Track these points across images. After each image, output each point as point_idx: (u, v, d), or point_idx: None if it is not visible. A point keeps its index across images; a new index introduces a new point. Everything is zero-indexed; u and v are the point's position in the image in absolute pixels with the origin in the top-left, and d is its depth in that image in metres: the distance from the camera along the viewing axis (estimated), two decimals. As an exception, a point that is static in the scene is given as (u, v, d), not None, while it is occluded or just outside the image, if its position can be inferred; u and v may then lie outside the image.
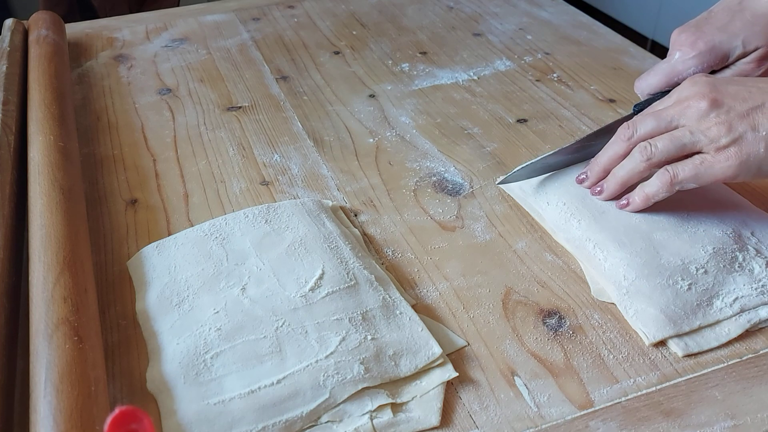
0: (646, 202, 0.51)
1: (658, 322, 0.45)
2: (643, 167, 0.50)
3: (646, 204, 0.51)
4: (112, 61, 0.84)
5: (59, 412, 0.35)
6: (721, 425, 0.40)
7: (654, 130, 0.50)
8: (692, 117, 0.48)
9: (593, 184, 0.54)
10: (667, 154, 0.49)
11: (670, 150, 0.49)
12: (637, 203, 0.51)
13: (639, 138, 0.51)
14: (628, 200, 0.52)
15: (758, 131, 0.46)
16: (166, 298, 0.47)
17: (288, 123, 0.70)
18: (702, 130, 0.47)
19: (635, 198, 0.51)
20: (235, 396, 0.40)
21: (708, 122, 0.47)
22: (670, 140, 0.49)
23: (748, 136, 0.46)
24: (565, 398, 0.42)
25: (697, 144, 0.48)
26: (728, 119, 0.47)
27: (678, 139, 0.48)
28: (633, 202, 0.51)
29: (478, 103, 0.73)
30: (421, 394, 0.41)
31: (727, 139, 0.46)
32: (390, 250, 0.53)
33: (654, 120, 0.51)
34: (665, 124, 0.50)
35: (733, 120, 0.46)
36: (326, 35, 0.90)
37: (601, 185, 0.53)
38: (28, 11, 0.91)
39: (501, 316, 0.47)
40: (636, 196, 0.51)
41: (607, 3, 2.53)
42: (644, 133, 0.51)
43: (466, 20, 0.93)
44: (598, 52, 0.83)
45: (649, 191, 0.50)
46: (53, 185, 0.52)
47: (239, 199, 0.59)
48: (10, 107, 0.64)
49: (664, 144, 0.49)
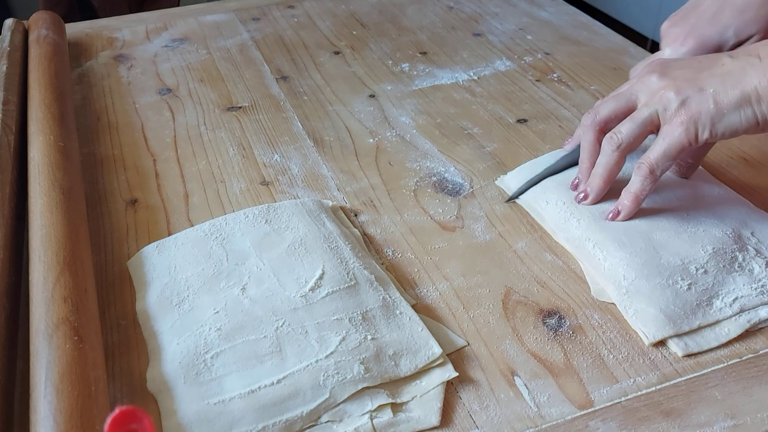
0: (636, 201, 0.50)
1: (658, 321, 0.45)
2: (616, 157, 0.51)
3: (637, 204, 0.51)
4: (112, 61, 0.84)
5: (59, 412, 0.35)
6: (721, 425, 0.40)
7: (614, 110, 0.52)
8: (646, 91, 0.50)
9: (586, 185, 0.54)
10: (633, 135, 0.50)
11: (635, 131, 0.49)
12: (628, 206, 0.51)
13: (601, 119, 0.52)
14: (617, 209, 0.51)
15: (705, 90, 0.47)
16: (166, 298, 0.47)
17: (288, 123, 0.70)
18: (655, 100, 0.48)
19: (624, 202, 0.51)
20: (235, 396, 0.40)
21: (659, 92, 0.48)
22: (632, 121, 0.50)
23: (696, 96, 0.47)
24: (565, 398, 0.42)
25: (654, 116, 0.49)
26: (675, 84, 0.48)
27: (638, 118, 0.49)
28: (624, 206, 0.51)
29: (478, 103, 0.73)
30: (421, 394, 0.41)
31: (677, 102, 0.47)
32: (390, 250, 0.53)
33: (613, 101, 0.52)
34: (624, 102, 0.51)
35: (680, 84, 0.48)
36: (326, 35, 0.90)
37: (584, 189, 0.53)
38: (28, 11, 0.91)
39: (501, 316, 0.47)
40: (625, 200, 0.51)
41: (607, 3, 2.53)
42: (605, 115, 0.52)
43: (466, 20, 0.93)
44: (598, 52, 0.83)
45: (634, 189, 0.50)
46: (53, 185, 0.52)
47: (239, 199, 0.59)
48: (10, 107, 0.64)
49: (627, 127, 0.50)
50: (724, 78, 0.46)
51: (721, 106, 0.46)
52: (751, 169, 0.61)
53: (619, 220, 0.51)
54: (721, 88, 0.46)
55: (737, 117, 0.46)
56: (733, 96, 0.46)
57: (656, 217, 0.51)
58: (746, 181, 0.59)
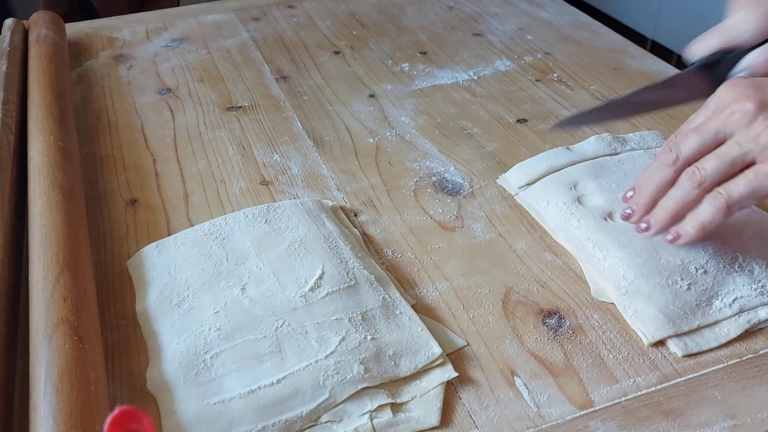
0: (702, 231, 0.45)
1: (657, 321, 0.45)
2: (694, 195, 0.45)
3: (702, 234, 0.45)
4: (112, 60, 0.84)
5: (59, 411, 0.35)
6: (721, 425, 0.40)
7: (699, 148, 0.45)
8: (739, 124, 0.43)
9: (641, 219, 0.48)
10: (718, 175, 0.44)
11: (720, 170, 0.43)
12: (691, 234, 0.45)
13: (684, 160, 0.45)
14: (678, 233, 0.46)
15: None
16: (166, 298, 0.47)
17: (288, 123, 0.70)
18: (751, 137, 0.42)
19: (688, 229, 0.45)
20: (235, 396, 0.40)
21: (757, 127, 0.42)
22: (718, 159, 0.43)
23: None
24: (565, 398, 0.42)
25: (749, 155, 0.43)
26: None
27: (727, 155, 0.43)
28: (686, 233, 0.46)
29: (478, 103, 0.73)
30: (421, 394, 0.41)
31: None
32: (390, 250, 0.53)
33: (698, 137, 0.45)
34: (711, 138, 0.44)
35: None
36: (326, 35, 0.90)
37: (647, 220, 0.47)
38: (28, 11, 0.91)
39: (501, 316, 0.47)
40: (689, 227, 0.45)
41: (607, 3, 2.53)
42: (689, 154, 0.45)
43: (466, 20, 0.93)
44: (598, 52, 0.83)
45: (704, 219, 0.44)
46: (53, 185, 0.52)
47: (239, 199, 0.59)
48: (10, 107, 0.64)
49: (713, 165, 0.44)
50: None
51: None
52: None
53: (678, 243, 0.46)
54: None
55: None
56: None
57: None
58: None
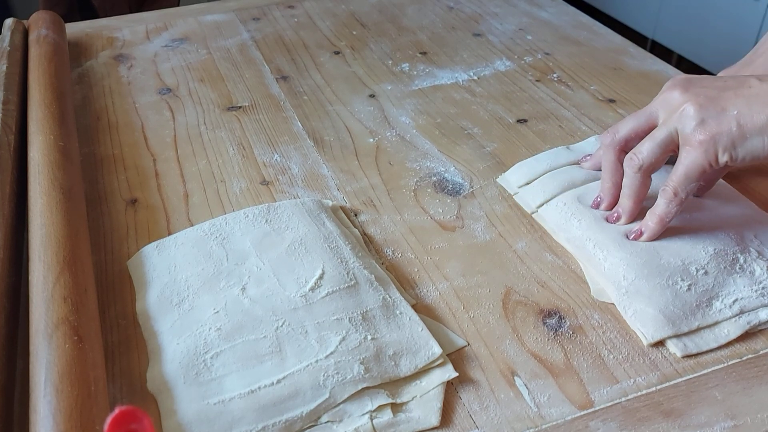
0: (661, 223, 0.49)
1: (657, 322, 0.45)
2: (639, 178, 0.49)
3: (662, 226, 0.49)
4: (112, 60, 0.84)
5: (59, 411, 0.35)
6: (721, 425, 0.40)
7: (634, 128, 0.50)
8: (666, 107, 0.48)
9: (610, 206, 0.52)
10: (653, 155, 0.48)
11: (654, 150, 0.48)
12: (652, 228, 0.49)
13: (620, 139, 0.51)
14: (642, 229, 0.50)
15: (728, 111, 0.45)
16: (166, 298, 0.47)
17: (288, 123, 0.70)
18: (674, 118, 0.47)
19: (648, 223, 0.49)
20: (235, 396, 0.40)
21: (679, 109, 0.47)
22: (651, 140, 0.48)
23: (718, 116, 0.45)
24: (565, 398, 0.42)
25: (673, 134, 0.47)
26: (697, 101, 0.46)
27: (657, 137, 0.48)
28: (648, 228, 0.49)
29: (478, 103, 0.73)
30: (421, 394, 0.41)
31: (696, 121, 0.45)
32: (390, 250, 0.53)
33: (633, 118, 0.51)
34: (645, 118, 0.50)
35: (702, 102, 0.46)
36: (326, 35, 0.90)
37: (617, 210, 0.51)
38: (28, 11, 0.91)
39: (501, 316, 0.47)
40: (649, 222, 0.49)
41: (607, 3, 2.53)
42: (625, 133, 0.51)
43: (466, 20, 0.93)
44: (598, 52, 0.83)
45: (659, 212, 0.49)
46: (53, 185, 0.52)
47: (239, 199, 0.59)
48: (10, 107, 0.64)
49: (647, 147, 0.48)
50: (749, 100, 0.45)
51: (744, 130, 0.44)
52: (754, 171, 0.61)
53: (642, 240, 0.49)
54: (746, 110, 0.44)
55: (760, 142, 0.44)
56: (759, 120, 0.44)
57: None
58: (749, 183, 0.59)
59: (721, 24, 2.03)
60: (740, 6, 1.95)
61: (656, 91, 0.74)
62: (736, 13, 1.97)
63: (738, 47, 1.99)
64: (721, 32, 2.04)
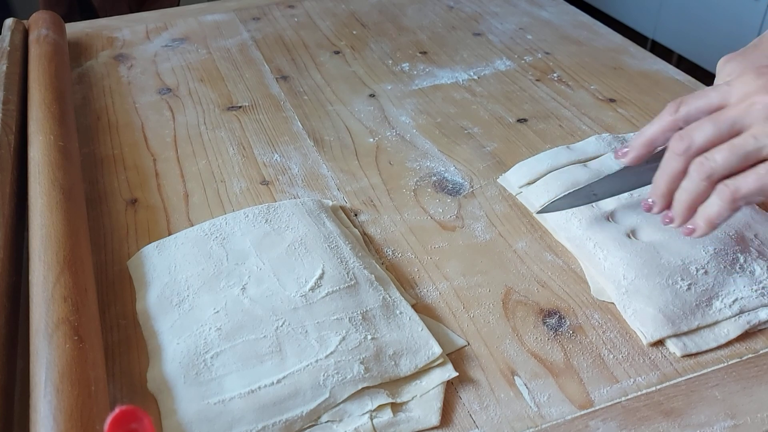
0: (711, 225, 0.43)
1: (657, 321, 0.45)
2: (703, 186, 0.43)
3: (713, 227, 0.44)
4: (112, 60, 0.84)
5: (59, 411, 0.35)
6: (721, 425, 0.40)
7: (713, 138, 0.43)
8: (759, 117, 0.41)
9: (662, 210, 0.46)
10: (728, 167, 0.42)
11: (732, 162, 0.41)
12: (702, 228, 0.44)
13: (696, 149, 0.43)
14: (694, 226, 0.44)
15: None
16: (166, 298, 0.47)
17: (288, 123, 0.70)
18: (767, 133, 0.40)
19: (699, 222, 0.44)
20: (236, 395, 0.40)
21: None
22: (730, 151, 0.41)
23: None
24: (565, 398, 0.42)
25: (764, 150, 0.41)
26: None
27: (740, 148, 0.41)
28: (698, 227, 0.44)
29: (478, 103, 0.73)
30: (421, 394, 0.41)
31: None
32: (390, 250, 0.53)
33: (712, 125, 0.43)
34: (726, 128, 0.42)
35: None
36: (326, 35, 0.90)
37: (669, 216, 0.46)
38: (29, 11, 0.91)
39: (501, 316, 0.47)
40: (699, 220, 0.44)
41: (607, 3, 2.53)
42: (702, 143, 0.43)
43: (466, 20, 0.93)
44: (599, 52, 0.83)
45: (710, 212, 0.43)
46: (53, 185, 0.52)
47: (239, 199, 0.59)
48: (10, 107, 0.64)
49: (724, 156, 0.42)
50: None
51: None
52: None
53: (694, 236, 0.45)
54: None
55: None
56: None
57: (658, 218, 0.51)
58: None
59: (721, 24, 2.03)
60: (740, 6, 1.95)
61: (656, 90, 0.74)
62: (736, 13, 1.97)
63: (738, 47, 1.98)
64: (721, 32, 2.04)
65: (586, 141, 0.62)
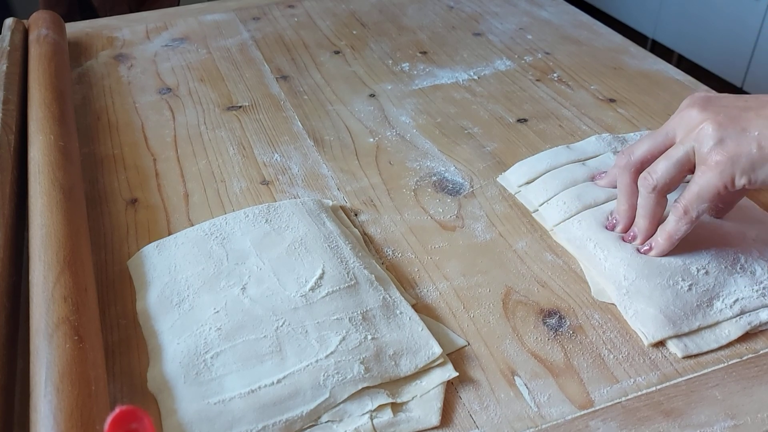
0: (669, 241, 0.47)
1: (658, 322, 0.45)
2: (653, 199, 0.47)
3: (672, 243, 0.47)
4: (112, 60, 0.84)
5: (59, 411, 0.35)
6: (721, 425, 0.40)
7: (650, 149, 0.48)
8: (683, 126, 0.46)
9: (625, 229, 0.50)
10: (668, 175, 0.46)
11: (669, 170, 0.46)
12: (662, 245, 0.48)
13: (636, 161, 0.49)
14: (652, 244, 0.48)
15: (749, 131, 0.43)
16: (167, 298, 0.47)
17: (288, 122, 0.70)
18: (692, 136, 0.45)
19: (658, 239, 0.48)
20: (236, 395, 0.40)
21: (697, 127, 0.45)
22: (666, 159, 0.46)
23: (737, 136, 0.43)
24: (565, 398, 0.42)
25: (690, 153, 0.45)
26: (716, 120, 0.44)
27: (672, 156, 0.46)
28: (657, 244, 0.48)
29: (479, 103, 0.73)
30: (421, 394, 0.41)
31: (714, 140, 0.44)
32: (390, 250, 0.53)
33: (649, 138, 0.48)
34: (661, 138, 0.48)
35: (722, 120, 0.44)
36: (326, 35, 0.90)
37: (633, 231, 0.50)
38: (28, 10, 0.91)
39: (501, 316, 0.47)
40: (659, 238, 0.48)
41: (607, 3, 2.53)
42: (641, 155, 0.49)
43: (466, 20, 0.93)
44: (599, 52, 0.83)
45: (668, 228, 0.47)
46: (53, 185, 0.52)
47: (239, 199, 0.59)
48: (10, 106, 0.64)
49: (661, 166, 0.46)
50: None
51: (765, 152, 0.42)
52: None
53: (652, 255, 0.48)
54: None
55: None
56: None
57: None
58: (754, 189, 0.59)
59: (721, 24, 2.03)
60: (740, 6, 1.95)
61: (656, 90, 0.74)
62: (736, 13, 1.97)
63: (738, 47, 1.99)
64: (721, 32, 2.04)
65: (586, 141, 0.62)
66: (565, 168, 0.58)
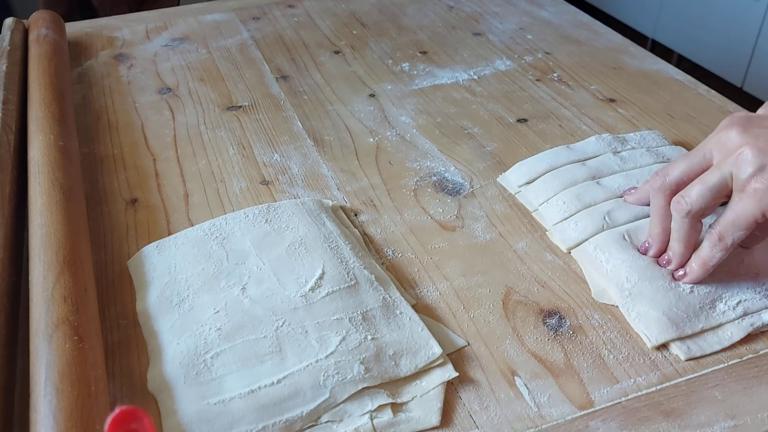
0: (704, 267, 0.46)
1: (661, 324, 0.45)
2: (687, 224, 0.46)
3: (706, 271, 0.46)
4: (112, 60, 0.84)
5: (59, 411, 0.35)
6: (721, 425, 0.40)
7: (686, 170, 0.46)
8: (721, 148, 0.44)
9: (659, 253, 0.48)
10: (703, 201, 0.44)
11: (705, 195, 0.44)
12: (696, 272, 0.46)
13: (671, 183, 0.47)
14: (686, 270, 0.47)
15: None
16: (166, 298, 0.47)
17: (288, 122, 0.70)
18: (730, 161, 0.43)
19: (693, 266, 0.46)
20: (236, 396, 0.40)
21: (736, 151, 0.43)
22: (701, 184, 0.44)
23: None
24: (565, 398, 0.42)
25: (727, 179, 0.43)
26: (757, 145, 0.42)
27: (708, 181, 0.44)
28: (691, 271, 0.46)
29: (479, 103, 0.73)
30: (421, 394, 0.41)
31: (754, 167, 0.42)
32: (390, 250, 0.53)
33: (685, 160, 0.46)
34: (698, 160, 0.46)
35: (763, 146, 0.42)
36: (326, 35, 0.90)
37: (667, 255, 0.48)
38: (28, 10, 0.91)
39: (501, 316, 0.47)
40: (693, 264, 0.46)
41: (607, 2, 2.53)
42: (676, 177, 0.47)
43: (466, 20, 0.93)
44: (599, 52, 0.83)
45: (704, 255, 0.45)
46: (53, 184, 0.52)
47: (239, 199, 0.59)
48: (10, 106, 0.64)
49: (697, 191, 0.44)
50: None
51: None
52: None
53: (685, 282, 0.46)
54: None
55: None
56: None
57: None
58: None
59: (721, 24, 2.03)
60: (740, 6, 1.95)
61: (656, 90, 0.74)
62: (736, 13, 1.97)
63: (738, 47, 1.99)
64: (721, 32, 2.04)
65: (586, 141, 0.62)
66: (566, 168, 0.58)
